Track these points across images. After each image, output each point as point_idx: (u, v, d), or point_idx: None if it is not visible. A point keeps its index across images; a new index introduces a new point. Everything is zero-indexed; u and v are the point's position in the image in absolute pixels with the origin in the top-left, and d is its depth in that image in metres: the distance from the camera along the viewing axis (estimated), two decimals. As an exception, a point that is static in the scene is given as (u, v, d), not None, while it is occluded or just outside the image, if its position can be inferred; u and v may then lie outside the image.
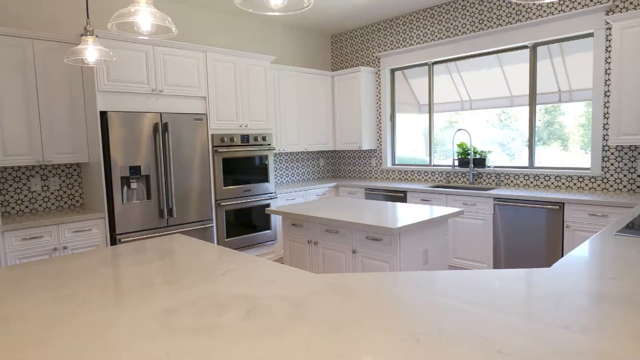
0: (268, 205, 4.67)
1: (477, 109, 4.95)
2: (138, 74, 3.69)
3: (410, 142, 5.57)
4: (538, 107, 4.37)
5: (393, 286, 1.48)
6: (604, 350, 0.99)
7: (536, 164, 4.40)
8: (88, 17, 1.80)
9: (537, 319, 1.18)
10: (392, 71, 5.62)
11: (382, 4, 4.89)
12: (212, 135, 4.21)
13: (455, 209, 3.09)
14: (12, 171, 3.60)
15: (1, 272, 1.81)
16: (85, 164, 3.84)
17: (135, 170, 3.65)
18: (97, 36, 1.56)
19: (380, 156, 5.73)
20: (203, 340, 1.11)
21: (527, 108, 4.41)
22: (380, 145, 5.72)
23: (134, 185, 3.67)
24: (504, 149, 4.67)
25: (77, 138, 3.65)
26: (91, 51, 1.84)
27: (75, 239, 3.40)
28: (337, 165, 6.35)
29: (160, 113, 3.80)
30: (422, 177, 5.28)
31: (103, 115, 3.51)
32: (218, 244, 4.26)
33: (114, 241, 3.57)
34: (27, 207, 3.68)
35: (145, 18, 1.41)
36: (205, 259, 1.93)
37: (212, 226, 4.21)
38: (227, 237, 4.34)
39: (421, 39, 5.15)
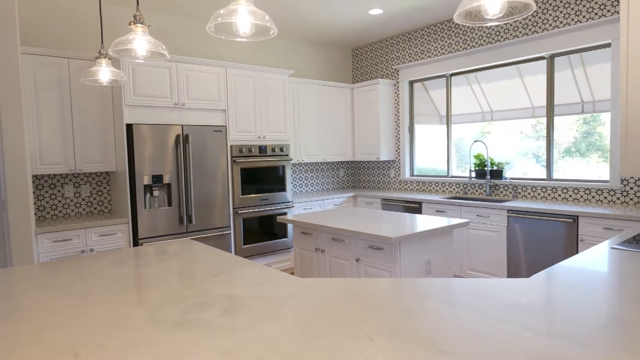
0: (285, 214, 4.81)
1: (498, 120, 4.92)
2: (162, 88, 3.95)
3: (433, 153, 5.58)
4: (575, 117, 4.26)
5: (365, 290, 1.56)
6: (553, 352, 1.04)
7: (557, 176, 4.32)
8: (102, 42, 2.02)
9: (490, 322, 1.24)
10: (411, 83, 5.68)
11: (400, 18, 4.98)
12: (231, 146, 4.41)
13: (460, 220, 3.11)
14: (47, 179, 3.92)
15: (26, 269, 2.02)
16: (113, 172, 4.13)
17: (157, 178, 3.89)
18: (109, 58, 1.74)
19: (399, 167, 5.77)
20: (179, 332, 1.24)
21: (565, 118, 4.33)
22: (399, 156, 5.76)
23: (156, 193, 3.91)
24: (538, 160, 4.56)
25: (106, 148, 3.93)
26: (104, 72, 2.06)
27: (101, 242, 3.66)
28: (356, 175, 6.43)
29: (182, 125, 4.04)
30: (440, 188, 5.28)
31: (129, 127, 3.78)
32: (235, 250, 4.44)
33: (136, 245, 3.81)
34: (60, 212, 3.99)
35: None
36: (204, 262, 2.08)
37: (230, 233, 4.39)
38: (244, 244, 4.51)
39: (438, 51, 5.20)
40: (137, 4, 1.70)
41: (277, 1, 4.29)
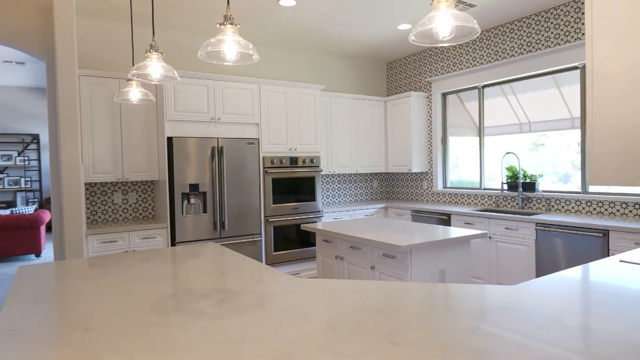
0: (314, 223, 4.98)
1: (536, 132, 4.82)
2: (200, 104, 4.29)
3: (471, 164, 5.53)
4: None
5: (345, 288, 1.69)
6: (489, 349, 1.13)
7: (593, 189, 4.16)
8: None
9: (440, 322, 1.32)
10: (444, 95, 5.69)
11: (429, 32, 5.05)
12: (263, 157, 4.67)
13: (476, 231, 3.12)
14: (100, 186, 4.37)
15: (72, 263, 2.34)
16: (156, 181, 4.51)
17: (194, 187, 4.22)
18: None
19: (432, 179, 5.77)
20: (174, 316, 1.44)
21: (579, 130, 4.22)
22: (432, 168, 5.76)
23: (192, 200, 4.23)
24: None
25: (150, 159, 4.33)
26: (134, 92, 2.36)
27: (142, 244, 4.02)
28: (390, 187, 6.49)
29: (217, 138, 4.35)
30: (472, 201, 5.22)
31: (169, 140, 4.14)
32: (266, 257, 4.66)
33: (174, 248, 4.13)
34: (110, 216, 4.42)
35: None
36: (218, 262, 2.29)
37: (261, 240, 4.63)
38: (274, 251, 4.72)
39: (470, 63, 5.19)
40: (153, 35, 1.97)
41: (310, 19, 4.53)
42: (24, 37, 3.83)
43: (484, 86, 5.16)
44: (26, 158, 9.20)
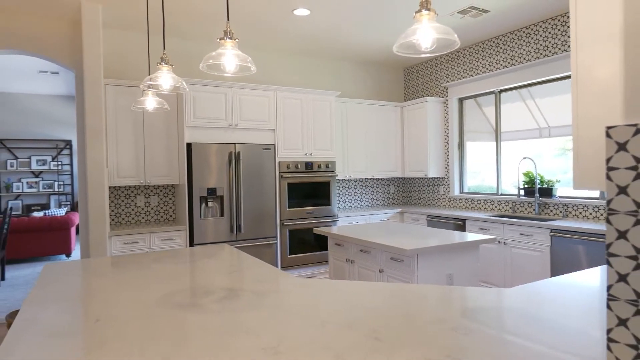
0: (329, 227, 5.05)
1: (556, 137, 4.76)
2: (218, 111, 4.45)
3: (489, 170, 5.49)
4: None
5: (345, 290, 1.76)
6: (466, 346, 1.18)
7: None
8: (149, 72, 2.47)
9: (422, 320, 1.38)
10: (460, 100, 5.68)
11: (444, 37, 5.07)
12: (279, 162, 4.79)
13: (485, 236, 3.13)
14: (123, 190, 4.58)
15: (93, 261, 2.50)
16: (177, 185, 4.69)
17: (211, 191, 4.37)
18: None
19: (448, 184, 5.75)
20: (177, 311, 1.54)
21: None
22: (448, 173, 5.75)
23: (210, 204, 4.38)
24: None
25: (171, 164, 4.51)
26: (150, 101, 2.50)
27: (162, 245, 4.19)
28: (406, 192, 6.49)
29: (235, 144, 4.49)
30: (489, 206, 5.18)
31: (189, 146, 4.31)
32: (281, 260, 4.76)
33: (192, 250, 4.29)
34: (133, 218, 4.62)
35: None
36: (227, 262, 2.40)
37: (276, 243, 4.73)
38: (289, 254, 4.82)
39: (487, 68, 5.18)
40: (164, 47, 2.10)
41: (324, 28, 4.63)
42: (55, 49, 4.08)
43: (501, 91, 5.13)
44: (59, 163, 9.64)
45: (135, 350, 1.20)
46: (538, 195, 4.55)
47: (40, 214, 8.29)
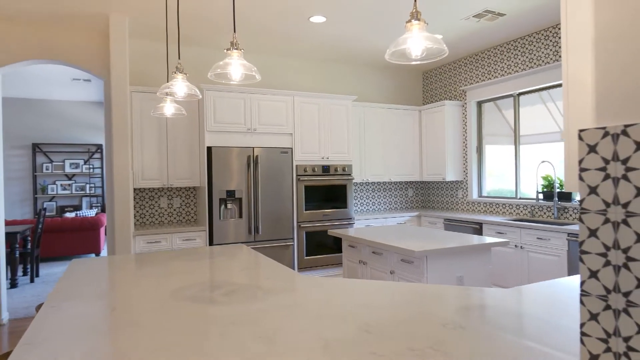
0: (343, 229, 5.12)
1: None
2: (237, 116, 4.60)
3: (508, 173, 5.45)
4: None
5: (346, 287, 1.83)
6: (450, 340, 1.24)
7: None
8: (168, 80, 2.62)
9: (408, 314, 1.44)
10: (479, 104, 5.65)
11: (462, 41, 5.08)
12: (296, 165, 4.90)
13: (495, 239, 3.13)
14: (148, 192, 4.79)
15: (113, 259, 2.66)
16: (198, 187, 4.87)
17: (230, 193, 4.52)
18: (172, 96, 2.27)
19: (466, 188, 5.73)
20: (186, 302, 1.66)
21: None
22: (467, 177, 5.72)
23: (229, 205, 4.53)
24: None
25: (192, 167, 4.69)
26: (168, 107, 2.65)
27: (183, 245, 4.36)
28: (425, 196, 6.48)
29: (253, 147, 4.64)
30: (507, 210, 5.13)
31: (209, 149, 4.48)
32: (298, 261, 4.86)
33: (211, 250, 4.44)
34: (156, 219, 4.82)
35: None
36: (240, 261, 2.51)
37: (293, 244, 4.84)
38: (306, 255, 4.91)
39: (505, 71, 5.14)
40: (179, 57, 2.24)
41: (340, 34, 4.72)
42: (86, 58, 4.33)
43: (520, 94, 5.09)
44: (91, 166, 10.07)
45: (146, 335, 1.32)
46: (557, 199, 4.49)
47: (72, 214, 8.68)
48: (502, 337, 1.25)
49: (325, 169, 5.05)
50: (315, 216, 4.99)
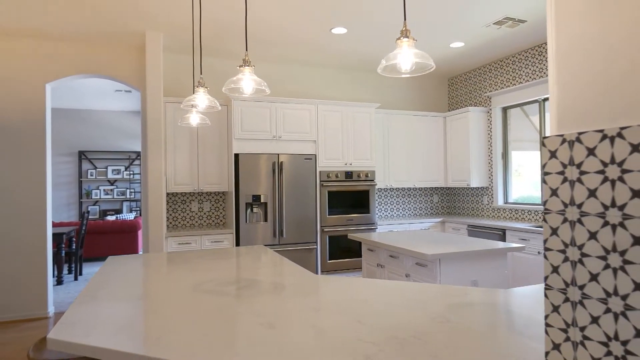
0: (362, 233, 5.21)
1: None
2: (263, 124, 4.82)
3: (534, 179, 5.39)
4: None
5: (350, 285, 1.96)
6: (433, 331, 1.35)
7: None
8: (194, 92, 2.84)
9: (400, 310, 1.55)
10: (504, 109, 5.62)
11: (484, 48, 5.09)
12: (320, 171, 5.06)
13: (512, 245, 3.16)
14: (180, 196, 5.08)
15: (145, 257, 2.90)
16: (226, 192, 5.12)
17: (256, 198, 4.73)
18: (194, 107, 2.48)
19: (492, 194, 5.69)
20: (204, 295, 1.84)
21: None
22: (492, 183, 5.69)
23: (255, 209, 4.74)
24: None
25: (221, 173, 4.94)
26: (194, 117, 2.88)
27: (211, 246, 4.60)
28: (450, 202, 6.47)
29: (278, 154, 4.83)
30: (533, 217, 5.07)
31: (236, 156, 4.71)
32: (321, 264, 5.00)
33: (238, 252, 4.65)
34: (187, 222, 5.10)
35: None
36: (259, 260, 2.68)
37: (316, 248, 4.98)
38: (329, 259, 5.04)
39: (530, 77, 5.11)
40: (201, 72, 2.44)
41: (362, 44, 4.86)
42: (124, 72, 4.68)
43: (545, 99, 5.04)
44: (131, 172, 10.63)
45: (166, 321, 1.50)
46: (583, 205, 4.41)
47: (113, 217, 9.21)
48: (483, 331, 1.34)
49: (348, 175, 5.18)
50: (339, 221, 5.11)
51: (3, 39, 4.32)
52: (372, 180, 5.30)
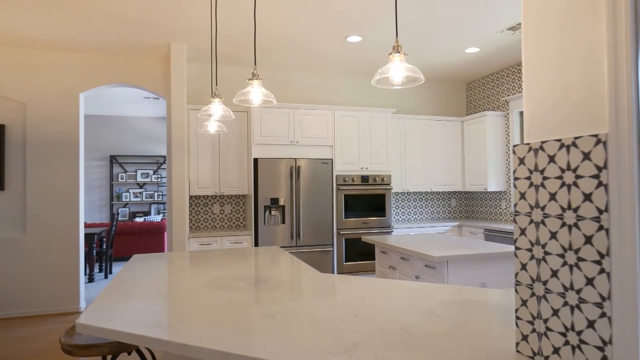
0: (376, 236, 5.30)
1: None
2: (281, 130, 5.00)
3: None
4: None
5: (350, 282, 2.08)
6: (419, 324, 1.46)
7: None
8: (213, 98, 3.03)
9: (398, 306, 1.66)
10: (522, 114, 5.61)
11: (497, 54, 5.12)
12: (336, 176, 5.19)
13: (520, 248, 3.19)
14: (202, 199, 5.32)
15: (167, 255, 3.11)
16: (246, 195, 5.31)
17: (274, 201, 4.90)
18: (210, 116, 2.67)
19: (510, 198, 5.67)
20: (215, 289, 2.00)
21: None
22: (510, 187, 5.67)
23: (273, 212, 4.91)
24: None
25: (241, 177, 5.14)
26: (212, 125, 3.07)
27: (231, 247, 4.79)
28: (468, 206, 6.47)
29: (295, 159, 5.00)
30: (551, 221, 5.03)
31: (255, 161, 4.90)
32: (337, 266, 5.12)
33: (256, 253, 4.83)
34: (209, 224, 5.33)
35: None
36: (271, 259, 2.84)
37: (332, 250, 5.11)
38: (345, 261, 5.16)
39: (547, 81, 5.09)
40: (216, 83, 2.62)
41: (377, 51, 4.98)
42: (151, 81, 4.96)
43: (563, 103, 5.01)
44: (159, 176, 11.04)
45: (181, 310, 1.67)
46: (601, 210, 4.37)
47: (141, 219, 9.60)
48: (464, 324, 1.44)
49: (365, 179, 5.29)
50: (355, 224, 5.23)
51: (40, 52, 4.66)
52: (388, 184, 5.39)
